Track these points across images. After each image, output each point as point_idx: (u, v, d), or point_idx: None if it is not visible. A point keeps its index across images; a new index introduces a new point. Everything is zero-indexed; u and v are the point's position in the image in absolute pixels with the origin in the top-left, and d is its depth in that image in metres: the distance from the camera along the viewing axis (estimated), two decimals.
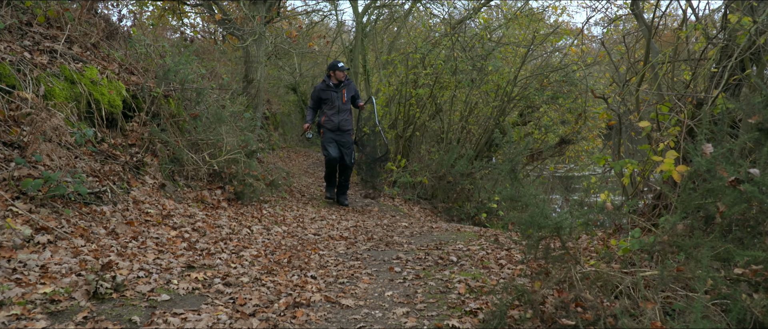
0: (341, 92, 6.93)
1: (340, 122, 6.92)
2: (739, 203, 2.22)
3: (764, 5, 3.20)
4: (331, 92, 6.93)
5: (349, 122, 7.00)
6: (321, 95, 6.96)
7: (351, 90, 7.08)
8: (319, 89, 6.99)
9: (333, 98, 6.92)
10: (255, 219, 5.20)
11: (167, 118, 5.34)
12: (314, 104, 7.05)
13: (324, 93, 6.95)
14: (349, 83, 7.02)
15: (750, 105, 2.63)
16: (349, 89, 7.02)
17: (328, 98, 6.93)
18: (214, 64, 8.76)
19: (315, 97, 7.01)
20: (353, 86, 7.12)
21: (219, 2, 9.29)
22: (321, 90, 6.96)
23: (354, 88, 7.15)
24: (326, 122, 6.97)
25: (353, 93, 7.10)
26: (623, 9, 9.00)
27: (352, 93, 7.10)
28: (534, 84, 9.42)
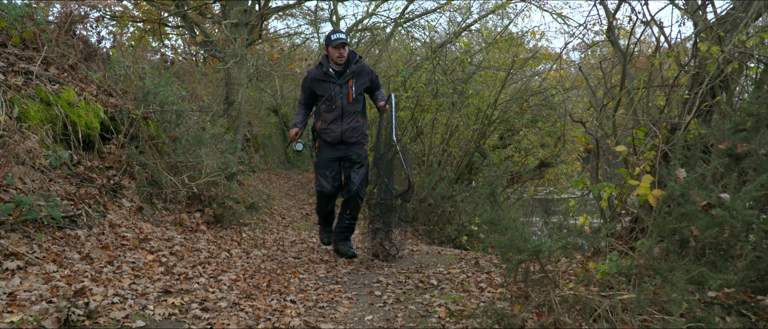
0: (347, 84, 4.50)
1: (346, 131, 4.55)
2: (711, 227, 2.26)
3: (731, 35, 3.30)
4: (330, 84, 4.51)
5: (359, 132, 4.61)
6: (314, 88, 4.57)
7: (363, 79, 4.56)
8: (311, 78, 4.56)
9: (333, 95, 4.50)
10: (234, 242, 5.15)
11: (146, 140, 5.29)
12: (306, 99, 4.70)
13: (318, 85, 4.54)
14: (360, 69, 4.54)
15: (720, 131, 2.70)
16: (359, 77, 4.53)
17: (324, 92, 4.54)
18: (194, 86, 8.73)
19: (306, 89, 4.65)
20: (368, 69, 4.60)
21: (200, 24, 9.30)
22: (314, 79, 4.54)
23: (370, 73, 4.60)
24: (323, 131, 4.60)
25: (369, 84, 4.62)
26: (600, 35, 9.22)
27: (365, 85, 4.59)
28: (514, 107, 9.54)
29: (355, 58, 4.54)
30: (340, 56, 4.42)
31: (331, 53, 4.45)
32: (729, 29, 3.50)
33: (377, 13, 14.27)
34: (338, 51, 4.41)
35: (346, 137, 4.58)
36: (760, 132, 2.54)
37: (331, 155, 4.64)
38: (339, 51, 4.41)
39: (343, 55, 4.42)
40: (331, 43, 4.42)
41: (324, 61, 4.54)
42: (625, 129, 4.74)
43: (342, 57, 4.43)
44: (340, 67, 4.51)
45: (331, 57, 4.48)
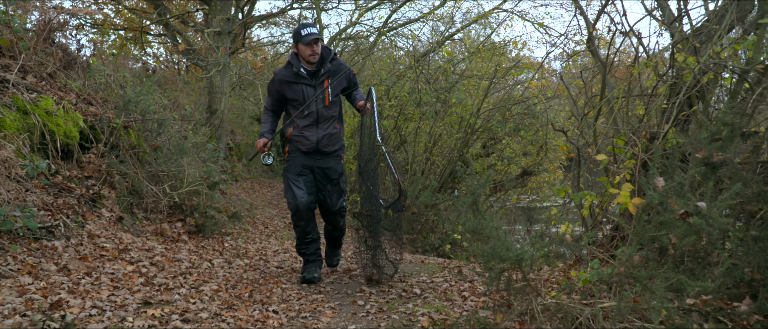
0: (322, 86, 3.97)
1: (322, 139, 4.01)
2: (689, 235, 2.29)
3: (706, 47, 3.37)
4: (302, 86, 3.97)
5: (336, 140, 4.10)
6: (283, 91, 4.01)
7: (340, 79, 4.01)
8: (279, 80, 4.00)
9: (306, 98, 3.95)
10: (216, 252, 5.10)
11: (127, 149, 5.23)
12: (274, 105, 4.13)
13: (288, 88, 3.98)
14: (336, 67, 4.01)
15: (697, 140, 2.75)
16: (335, 76, 3.99)
17: (296, 96, 3.97)
18: (176, 95, 8.67)
19: (273, 93, 4.07)
20: (345, 67, 4.04)
21: (183, 33, 9.26)
22: (283, 81, 3.98)
23: (346, 71, 4.04)
24: (295, 138, 4.04)
25: (346, 84, 4.09)
26: (580, 45, 9.35)
27: (342, 85, 4.06)
28: (496, 116, 9.61)
29: (329, 56, 4.00)
30: (312, 54, 3.88)
31: (303, 51, 3.90)
32: (704, 41, 3.57)
33: (361, 22, 14.32)
34: (310, 48, 3.87)
35: (323, 146, 4.03)
36: (734, 142, 2.59)
37: (302, 162, 4.05)
38: (311, 48, 3.87)
39: (316, 53, 3.88)
40: (301, 39, 3.86)
41: (293, 60, 3.97)
42: (606, 138, 4.80)
43: (315, 55, 3.89)
44: (312, 67, 3.97)
45: (301, 55, 3.92)
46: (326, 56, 4.00)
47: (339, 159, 4.15)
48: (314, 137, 4.01)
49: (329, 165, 4.10)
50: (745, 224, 2.52)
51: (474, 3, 19.33)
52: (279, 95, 4.06)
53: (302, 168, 4.05)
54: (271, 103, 4.15)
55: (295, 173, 4.05)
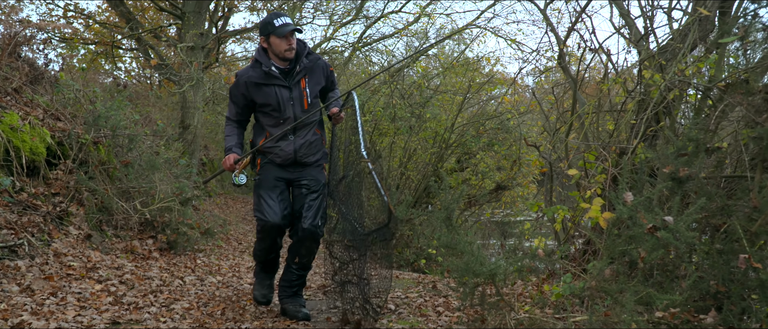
0: (299, 86, 3.41)
1: (301, 148, 3.44)
2: (657, 249, 2.34)
3: (671, 64, 3.46)
4: (275, 88, 3.37)
5: (317, 148, 3.52)
6: (251, 96, 3.41)
7: (317, 77, 3.48)
8: (246, 82, 3.39)
9: (281, 102, 3.37)
10: (188, 269, 5.01)
11: (96, 165, 5.13)
12: (239, 114, 3.53)
13: (259, 91, 3.38)
14: (313, 63, 3.46)
15: (664, 155, 2.82)
16: (313, 74, 3.45)
17: (268, 100, 3.38)
18: (148, 110, 8.55)
19: (239, 99, 3.46)
20: (323, 63, 3.52)
21: (155, 47, 9.15)
22: (252, 84, 3.38)
23: (324, 68, 3.53)
24: (269, 150, 3.46)
25: (325, 83, 3.55)
26: (552, 61, 9.53)
27: (320, 84, 3.50)
28: (471, 131, 9.70)
29: (305, 50, 3.41)
30: (289, 49, 3.28)
31: (277, 45, 3.27)
32: (669, 58, 3.67)
33: (335, 37, 14.38)
34: (287, 41, 3.26)
35: (301, 156, 3.43)
36: (699, 157, 2.66)
37: (277, 174, 3.45)
38: (288, 41, 3.26)
39: (293, 47, 3.29)
40: (275, 30, 3.24)
41: (262, 58, 3.34)
42: (577, 153, 4.88)
43: (292, 50, 3.30)
44: (286, 64, 3.37)
45: (275, 50, 3.30)
46: (302, 51, 3.40)
47: (321, 169, 3.56)
48: (291, 148, 3.41)
49: (311, 176, 3.49)
50: (710, 237, 2.57)
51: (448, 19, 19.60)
52: (246, 100, 3.42)
53: (276, 181, 3.44)
54: (235, 111, 3.51)
55: (268, 187, 3.43)
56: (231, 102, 3.53)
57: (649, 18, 4.36)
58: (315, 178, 3.50)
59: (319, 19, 15.37)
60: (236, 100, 3.48)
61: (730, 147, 3.08)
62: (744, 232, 2.27)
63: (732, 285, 2.22)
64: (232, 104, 3.53)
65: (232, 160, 3.41)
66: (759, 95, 2.58)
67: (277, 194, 3.43)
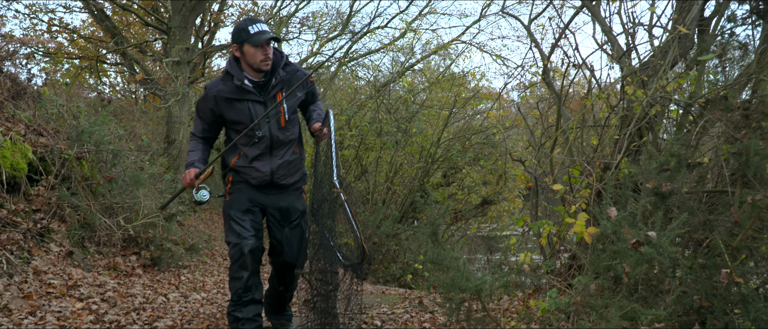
0: (275, 100, 3.05)
1: (278, 169, 3.09)
2: (641, 264, 2.35)
3: (653, 81, 3.52)
4: (249, 104, 3.02)
5: (297, 168, 3.19)
6: (221, 111, 3.05)
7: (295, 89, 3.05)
8: (216, 97, 3.02)
9: (254, 117, 3.01)
10: (172, 286, 4.95)
11: (79, 181, 5.06)
12: (206, 131, 3.15)
13: (230, 107, 3.02)
14: (291, 74, 3.09)
15: (647, 171, 2.85)
16: (291, 87, 3.05)
17: (240, 117, 3.03)
18: (133, 125, 8.49)
19: (207, 114, 3.08)
20: (302, 74, 3.12)
21: (140, 62, 9.11)
22: (222, 99, 3.01)
23: (304, 78, 3.07)
24: (243, 170, 3.09)
25: (305, 97, 3.22)
26: (536, 77, 9.64)
27: (300, 98, 3.17)
28: (457, 146, 9.75)
29: (282, 61, 3.04)
30: (265, 60, 2.92)
31: (251, 55, 2.91)
32: (651, 75, 3.73)
33: (321, 52, 14.41)
34: (263, 51, 2.90)
35: (279, 178, 3.08)
36: (681, 172, 2.69)
37: (249, 196, 3.08)
38: (264, 51, 2.90)
39: (269, 58, 2.94)
40: (249, 38, 2.87)
41: (234, 70, 2.98)
42: (562, 168, 4.92)
43: (268, 60, 2.93)
44: (261, 76, 3.00)
45: (248, 61, 2.93)
46: (278, 62, 3.04)
47: (300, 193, 3.21)
48: (267, 168, 3.04)
49: (287, 203, 3.13)
50: (693, 252, 2.60)
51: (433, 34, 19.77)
52: (215, 116, 3.05)
53: (250, 204, 3.07)
54: (202, 128, 3.12)
55: (240, 210, 3.04)
56: (197, 117, 3.13)
57: (631, 35, 4.43)
58: (293, 206, 3.15)
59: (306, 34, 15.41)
60: (203, 115, 3.09)
61: (711, 162, 3.12)
62: (725, 247, 2.30)
63: (715, 299, 2.24)
64: (198, 119, 3.12)
65: (192, 174, 2.98)
66: (737, 111, 2.63)
67: (250, 217, 3.05)
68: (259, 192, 3.11)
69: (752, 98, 2.79)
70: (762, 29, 2.83)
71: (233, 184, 3.13)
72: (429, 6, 14.23)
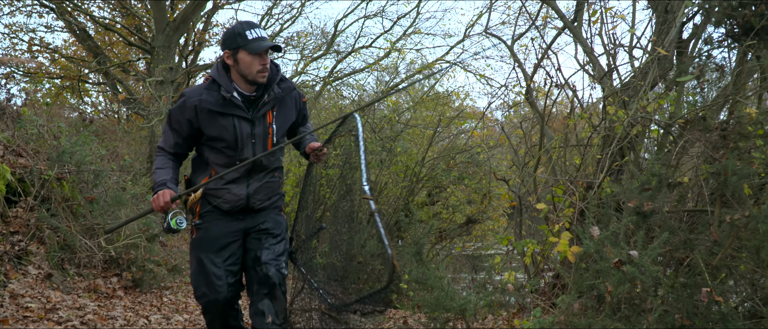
0: (264, 120, 2.68)
1: (255, 194, 2.71)
2: (623, 283, 2.37)
3: (634, 101, 3.58)
4: (234, 120, 2.61)
5: (275, 191, 2.81)
6: (200, 125, 2.62)
7: (288, 111, 2.78)
8: (195, 107, 2.59)
9: (238, 136, 2.63)
10: (154, 308, 4.86)
11: (59, 202, 4.98)
12: (177, 146, 2.69)
13: (211, 121, 2.61)
14: (286, 91, 2.74)
15: (629, 190, 2.88)
16: (283, 107, 2.75)
17: (222, 134, 2.62)
18: (115, 145, 8.40)
19: (182, 126, 2.63)
20: (296, 94, 2.82)
21: (123, 81, 9.06)
22: (202, 110, 2.59)
23: (297, 98, 2.82)
24: (214, 193, 2.69)
25: (297, 118, 2.86)
26: (520, 96, 9.75)
27: (291, 119, 2.81)
28: (441, 165, 9.78)
29: (277, 76, 2.67)
30: (262, 69, 2.55)
31: (247, 64, 2.53)
32: (632, 95, 3.80)
33: (306, 71, 14.46)
34: (261, 60, 2.53)
35: (255, 202, 2.70)
36: (662, 191, 2.73)
37: (225, 228, 2.66)
38: (262, 60, 2.53)
39: (267, 68, 2.57)
40: (247, 44, 2.50)
41: (221, 78, 2.57)
42: (546, 187, 4.96)
43: (265, 72, 2.57)
44: (253, 90, 2.62)
45: (242, 70, 2.55)
46: (274, 76, 2.65)
47: (279, 211, 2.85)
48: (243, 192, 2.65)
49: (271, 222, 2.77)
50: (674, 271, 2.63)
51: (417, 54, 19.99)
52: (192, 129, 2.60)
53: (223, 241, 2.65)
54: (173, 142, 2.65)
55: (212, 249, 2.61)
56: (169, 129, 2.65)
57: (612, 55, 4.51)
58: (275, 221, 2.79)
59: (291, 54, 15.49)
60: (178, 127, 2.61)
61: (692, 182, 3.17)
62: (706, 266, 2.33)
63: (696, 318, 2.26)
64: (170, 130, 2.65)
65: (167, 197, 2.50)
66: (715, 131, 2.68)
67: (223, 259, 2.63)
68: (232, 219, 2.68)
69: (729, 119, 2.85)
70: (737, 52, 2.91)
71: (201, 216, 2.65)
72: (413, 26, 14.38)
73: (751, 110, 2.74)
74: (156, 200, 2.51)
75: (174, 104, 2.61)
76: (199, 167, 2.75)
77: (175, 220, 2.53)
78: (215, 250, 2.63)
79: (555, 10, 5.93)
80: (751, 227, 2.26)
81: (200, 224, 2.67)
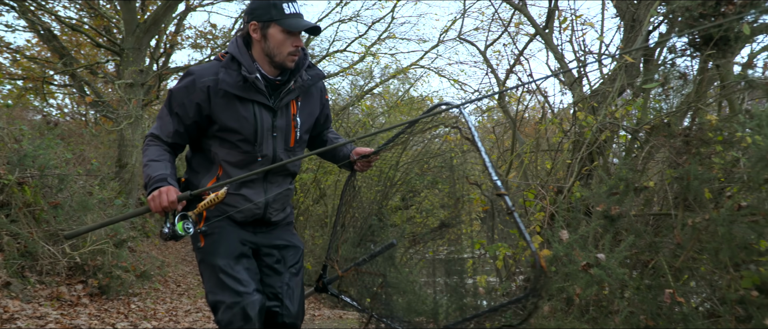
0: (288, 111, 2.23)
1: (273, 202, 2.26)
2: (591, 285, 2.40)
3: (602, 107, 3.64)
4: (254, 107, 2.14)
5: (288, 199, 2.40)
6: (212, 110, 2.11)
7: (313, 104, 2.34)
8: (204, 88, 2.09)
9: (259, 128, 2.15)
10: (121, 315, 4.76)
11: (20, 207, 4.84)
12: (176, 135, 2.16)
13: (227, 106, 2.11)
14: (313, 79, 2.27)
15: (597, 194, 2.93)
16: (309, 99, 2.32)
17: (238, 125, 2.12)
18: (82, 148, 8.21)
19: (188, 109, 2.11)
20: (322, 86, 2.40)
21: (91, 83, 8.87)
22: (217, 91, 2.10)
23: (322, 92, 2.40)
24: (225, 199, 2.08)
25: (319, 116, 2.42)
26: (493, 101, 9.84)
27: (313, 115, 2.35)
28: (415, 169, 9.81)
29: (305, 61, 2.24)
30: (294, 53, 2.14)
31: (278, 43, 2.11)
32: (600, 101, 3.86)
33: None
34: (294, 41, 2.13)
35: (273, 212, 2.27)
36: (629, 195, 2.78)
37: (239, 235, 2.20)
38: (296, 41, 2.13)
39: (298, 52, 2.16)
40: (282, 19, 2.09)
41: (241, 56, 2.13)
42: (518, 191, 5.01)
43: (296, 56, 2.16)
44: (276, 74, 2.19)
45: (270, 49, 2.12)
46: (302, 62, 2.22)
47: (292, 227, 2.47)
48: (261, 198, 2.21)
49: (285, 240, 2.33)
50: (640, 273, 2.67)
51: (392, 59, 20.07)
52: (200, 116, 2.13)
53: (241, 247, 2.19)
54: (174, 130, 2.15)
55: (230, 256, 2.15)
56: (167, 113, 2.15)
57: (582, 63, 4.59)
58: (292, 244, 2.36)
59: None
60: (181, 111, 2.12)
61: (657, 186, 3.23)
62: (669, 268, 2.37)
63: (660, 319, 2.30)
64: (169, 115, 2.14)
65: (172, 195, 2.00)
66: (679, 137, 2.74)
67: (245, 265, 2.18)
68: (244, 231, 2.23)
69: (692, 126, 2.92)
70: (699, 60, 2.99)
71: (209, 221, 2.17)
72: (388, 31, 14.42)
73: (711, 116, 2.81)
74: (156, 199, 2.00)
75: (178, 82, 2.16)
76: (201, 165, 2.24)
77: (182, 224, 2.02)
78: (232, 257, 2.16)
79: (527, 16, 6.02)
80: (711, 230, 2.31)
81: (206, 233, 2.16)
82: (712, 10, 2.75)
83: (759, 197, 2.31)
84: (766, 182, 2.28)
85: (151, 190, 2.02)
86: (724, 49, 2.79)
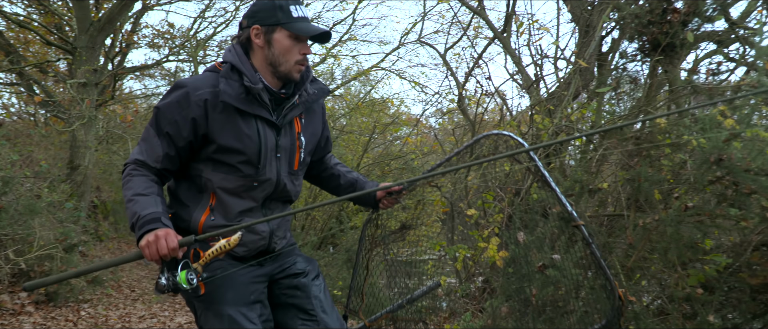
0: (291, 128, 1.94)
1: (277, 230, 1.96)
2: (547, 285, 2.45)
3: (558, 110, 3.72)
4: (256, 123, 1.84)
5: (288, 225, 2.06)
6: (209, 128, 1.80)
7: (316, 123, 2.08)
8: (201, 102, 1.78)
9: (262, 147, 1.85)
10: (70, 323, 4.59)
11: None
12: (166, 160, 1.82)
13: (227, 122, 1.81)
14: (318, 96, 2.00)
15: (554, 196, 2.98)
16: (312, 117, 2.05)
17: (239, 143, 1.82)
18: (31, 150, 7.89)
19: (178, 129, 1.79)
20: (323, 103, 2.12)
21: (41, 82, 8.53)
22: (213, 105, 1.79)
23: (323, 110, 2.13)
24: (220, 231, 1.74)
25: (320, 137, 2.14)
26: (453, 103, 9.95)
27: (316, 135, 2.08)
28: (376, 171, 9.82)
29: (309, 74, 1.99)
30: (301, 63, 1.89)
31: (284, 50, 1.85)
32: (557, 104, 3.94)
33: None
34: (302, 49, 1.87)
35: (277, 242, 1.99)
36: (584, 197, 2.85)
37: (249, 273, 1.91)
38: (303, 49, 1.88)
39: (306, 61, 1.90)
40: (290, 23, 1.84)
41: (243, 65, 1.85)
42: (477, 193, 5.07)
43: (303, 65, 1.90)
44: (279, 85, 1.93)
45: (275, 57, 1.86)
46: (306, 75, 1.98)
47: (297, 250, 2.13)
48: (265, 228, 1.93)
49: (292, 264, 2.05)
50: (594, 273, 2.74)
51: (353, 61, 20.05)
52: (194, 135, 1.82)
53: (253, 287, 1.91)
54: (160, 153, 1.83)
55: (240, 303, 1.85)
56: (154, 135, 1.83)
57: (539, 66, 4.68)
58: (305, 259, 2.11)
59: None
60: (173, 130, 1.81)
61: (611, 188, 3.32)
62: (621, 267, 2.44)
63: None
64: (156, 138, 1.83)
65: (173, 241, 1.67)
66: (630, 140, 2.82)
67: (259, 314, 1.89)
68: (250, 268, 1.92)
69: (643, 129, 3.01)
70: (649, 66, 3.09)
71: (207, 264, 1.79)
72: (349, 33, 14.40)
73: (660, 119, 2.91)
74: (152, 246, 1.66)
75: (166, 97, 1.83)
76: (190, 195, 1.91)
77: (185, 274, 1.68)
78: (246, 304, 1.85)
79: (485, 20, 6.10)
80: (660, 230, 2.39)
81: (207, 277, 1.78)
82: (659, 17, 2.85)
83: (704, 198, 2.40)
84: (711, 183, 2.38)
85: (142, 233, 1.68)
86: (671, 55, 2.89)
